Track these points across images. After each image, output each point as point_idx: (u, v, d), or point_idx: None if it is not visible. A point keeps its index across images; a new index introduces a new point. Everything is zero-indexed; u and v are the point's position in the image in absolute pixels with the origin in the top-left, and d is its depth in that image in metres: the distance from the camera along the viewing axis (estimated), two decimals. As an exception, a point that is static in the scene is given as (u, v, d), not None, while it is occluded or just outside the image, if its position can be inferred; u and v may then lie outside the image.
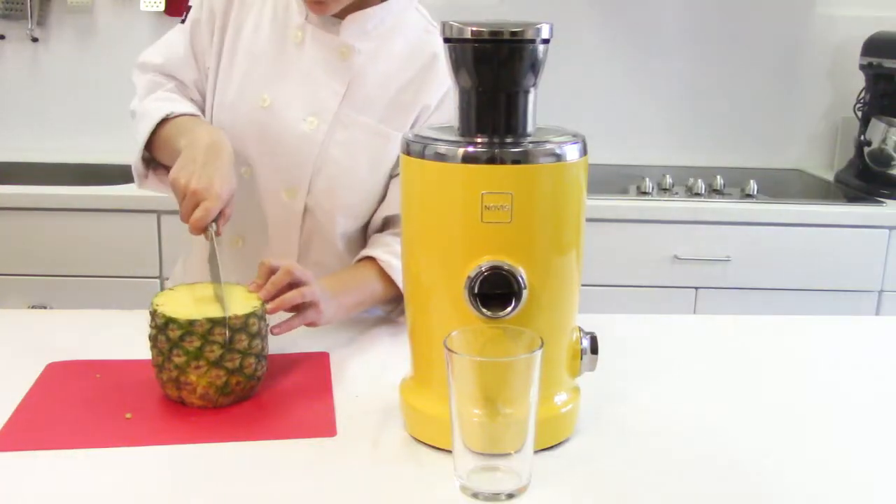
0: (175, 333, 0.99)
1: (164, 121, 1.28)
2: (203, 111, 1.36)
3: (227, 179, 1.16)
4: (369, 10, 1.29)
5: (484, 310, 0.89)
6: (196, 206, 1.11)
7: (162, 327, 1.00)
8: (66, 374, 1.11)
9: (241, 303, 1.05)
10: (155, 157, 1.34)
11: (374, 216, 1.37)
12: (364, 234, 1.40)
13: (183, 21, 1.37)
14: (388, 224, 1.36)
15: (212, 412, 1.01)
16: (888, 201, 2.38)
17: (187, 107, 1.32)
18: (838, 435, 1.01)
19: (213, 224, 1.12)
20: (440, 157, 0.89)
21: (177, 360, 1.00)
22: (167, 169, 1.24)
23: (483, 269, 0.88)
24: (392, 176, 1.34)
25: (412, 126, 1.32)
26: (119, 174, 2.29)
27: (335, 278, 1.26)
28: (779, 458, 0.94)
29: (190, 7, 1.37)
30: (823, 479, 0.91)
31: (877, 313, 2.35)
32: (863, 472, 0.93)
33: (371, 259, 1.29)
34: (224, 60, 1.33)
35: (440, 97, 1.32)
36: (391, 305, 1.35)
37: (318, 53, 1.30)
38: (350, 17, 1.29)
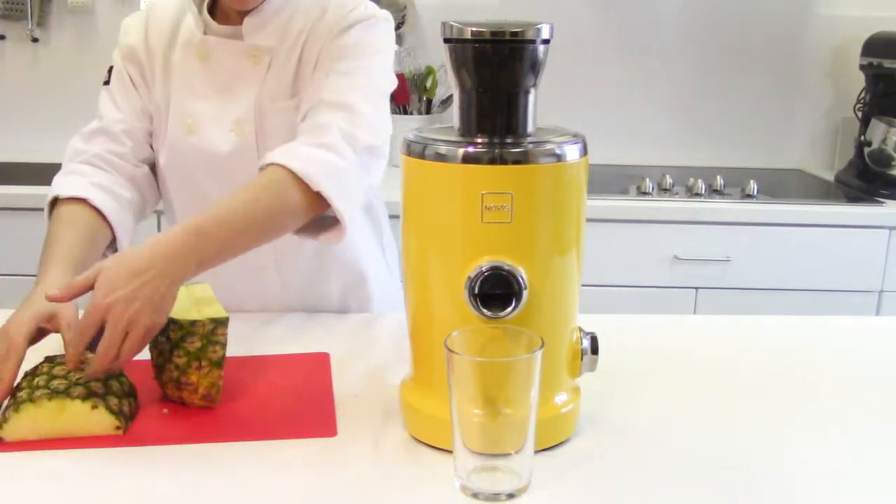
0: (176, 334, 0.99)
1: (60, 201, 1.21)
2: (152, 146, 1.35)
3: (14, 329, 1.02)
4: (264, 6, 1.28)
5: (484, 310, 0.89)
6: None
7: (163, 328, 1.00)
8: (67, 374, 1.11)
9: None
10: None
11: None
12: None
13: (106, 82, 1.36)
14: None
15: (212, 412, 1.01)
16: (888, 201, 2.38)
17: (82, 187, 1.22)
18: (838, 435, 1.01)
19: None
20: (440, 158, 0.89)
21: (178, 360, 1.00)
22: None
23: (483, 269, 0.88)
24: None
25: (314, 68, 1.26)
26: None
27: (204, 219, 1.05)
28: (778, 458, 0.94)
29: (111, 68, 1.36)
30: (823, 479, 0.91)
31: (877, 313, 2.35)
32: (863, 471, 0.93)
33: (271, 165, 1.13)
34: (161, 102, 1.33)
35: (330, 38, 1.25)
36: (309, 229, 1.19)
37: (229, 64, 1.29)
38: (248, 20, 1.28)
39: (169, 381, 1.02)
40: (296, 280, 1.39)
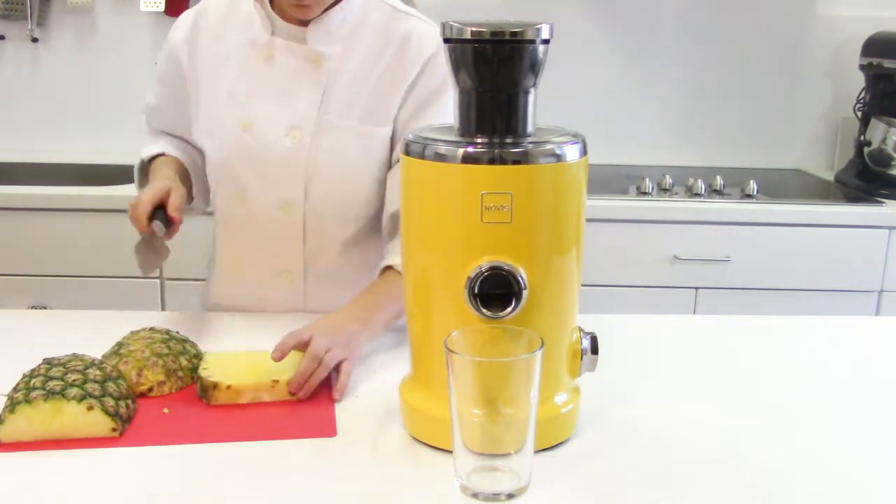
0: None
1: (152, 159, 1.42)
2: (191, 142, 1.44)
3: (156, 186, 1.25)
4: (330, 12, 1.30)
5: (484, 310, 0.89)
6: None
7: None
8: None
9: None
10: None
11: (382, 216, 1.37)
12: (365, 235, 1.40)
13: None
14: (396, 221, 1.36)
15: (212, 412, 1.02)
16: (888, 201, 2.38)
17: (165, 146, 1.42)
18: (838, 435, 1.01)
19: (160, 225, 1.21)
20: (440, 158, 0.89)
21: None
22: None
23: (483, 269, 0.88)
24: (391, 168, 1.35)
25: (399, 110, 1.31)
26: (119, 174, 2.29)
27: (364, 301, 1.24)
28: (778, 458, 0.94)
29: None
30: (823, 479, 0.91)
31: (877, 313, 2.35)
32: (863, 471, 0.93)
33: (391, 268, 1.29)
34: (209, 95, 1.35)
35: (416, 72, 1.31)
36: None
37: (290, 66, 1.31)
38: (314, 24, 1.29)
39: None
40: (319, 283, 1.40)
